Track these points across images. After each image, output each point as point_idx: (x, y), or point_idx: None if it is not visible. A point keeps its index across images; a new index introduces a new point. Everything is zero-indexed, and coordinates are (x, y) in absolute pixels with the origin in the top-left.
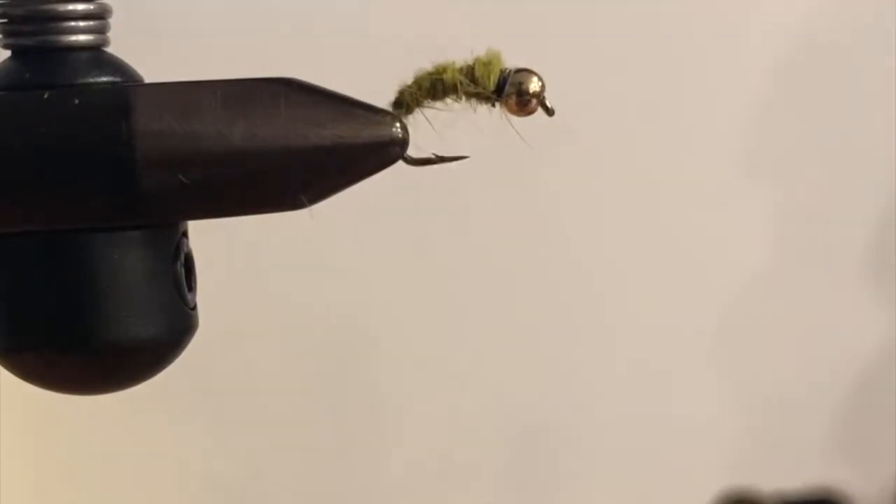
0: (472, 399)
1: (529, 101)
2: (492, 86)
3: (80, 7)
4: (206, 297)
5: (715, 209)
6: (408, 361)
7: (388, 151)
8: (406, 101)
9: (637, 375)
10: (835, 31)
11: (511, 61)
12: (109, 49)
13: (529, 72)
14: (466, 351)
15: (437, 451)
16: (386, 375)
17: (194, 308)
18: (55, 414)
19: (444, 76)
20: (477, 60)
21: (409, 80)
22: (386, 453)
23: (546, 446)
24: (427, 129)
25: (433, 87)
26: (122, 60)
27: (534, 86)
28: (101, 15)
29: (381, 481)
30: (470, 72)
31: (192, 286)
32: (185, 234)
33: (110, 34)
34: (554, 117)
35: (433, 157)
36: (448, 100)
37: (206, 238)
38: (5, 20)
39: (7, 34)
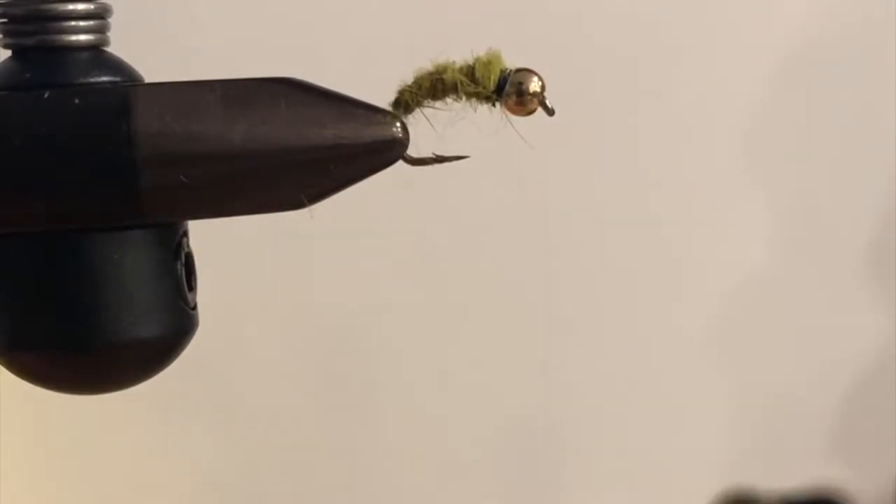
0: (472, 399)
1: (529, 100)
2: (492, 86)
3: (81, 7)
4: (206, 297)
5: (714, 209)
6: (408, 362)
7: (388, 151)
8: (406, 101)
9: (637, 375)
10: (835, 31)
11: (511, 61)
12: (109, 49)
13: (529, 71)
14: (466, 351)
15: (437, 451)
16: (386, 375)
17: (194, 308)
18: (55, 414)
19: (445, 76)
20: (477, 60)
21: (409, 80)
22: (386, 453)
23: (546, 446)
24: (427, 129)
25: (433, 86)
26: (122, 60)
27: (534, 86)
28: (101, 14)
29: (381, 481)
30: (470, 72)
31: (192, 286)
32: (185, 234)
33: (110, 34)
34: (554, 117)
35: (433, 157)
36: (448, 100)
37: (206, 238)
38: (5, 20)
39: (7, 34)
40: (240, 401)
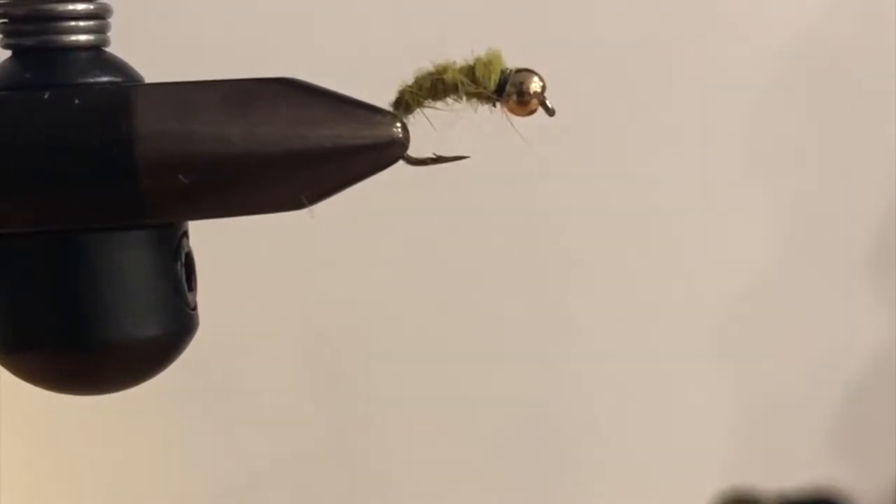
0: (472, 398)
1: (530, 101)
2: (492, 86)
3: (81, 7)
4: (207, 297)
5: (715, 209)
6: (408, 362)
7: (388, 151)
8: (406, 101)
9: (637, 376)
10: (835, 31)
11: (512, 61)
12: (109, 49)
13: (530, 72)
14: (466, 350)
15: (437, 451)
16: (386, 375)
17: (194, 308)
18: (55, 414)
19: (445, 76)
20: (477, 60)
21: (410, 80)
22: (386, 453)
23: (546, 446)
24: (427, 129)
25: (434, 87)
26: (122, 60)
27: (534, 86)
28: (101, 15)
29: (381, 481)
30: (470, 72)
31: (192, 286)
32: (185, 234)
33: (110, 34)
34: (554, 117)
35: (433, 157)
36: (448, 100)
37: (206, 238)
38: (6, 20)
39: (8, 34)
40: (240, 401)
